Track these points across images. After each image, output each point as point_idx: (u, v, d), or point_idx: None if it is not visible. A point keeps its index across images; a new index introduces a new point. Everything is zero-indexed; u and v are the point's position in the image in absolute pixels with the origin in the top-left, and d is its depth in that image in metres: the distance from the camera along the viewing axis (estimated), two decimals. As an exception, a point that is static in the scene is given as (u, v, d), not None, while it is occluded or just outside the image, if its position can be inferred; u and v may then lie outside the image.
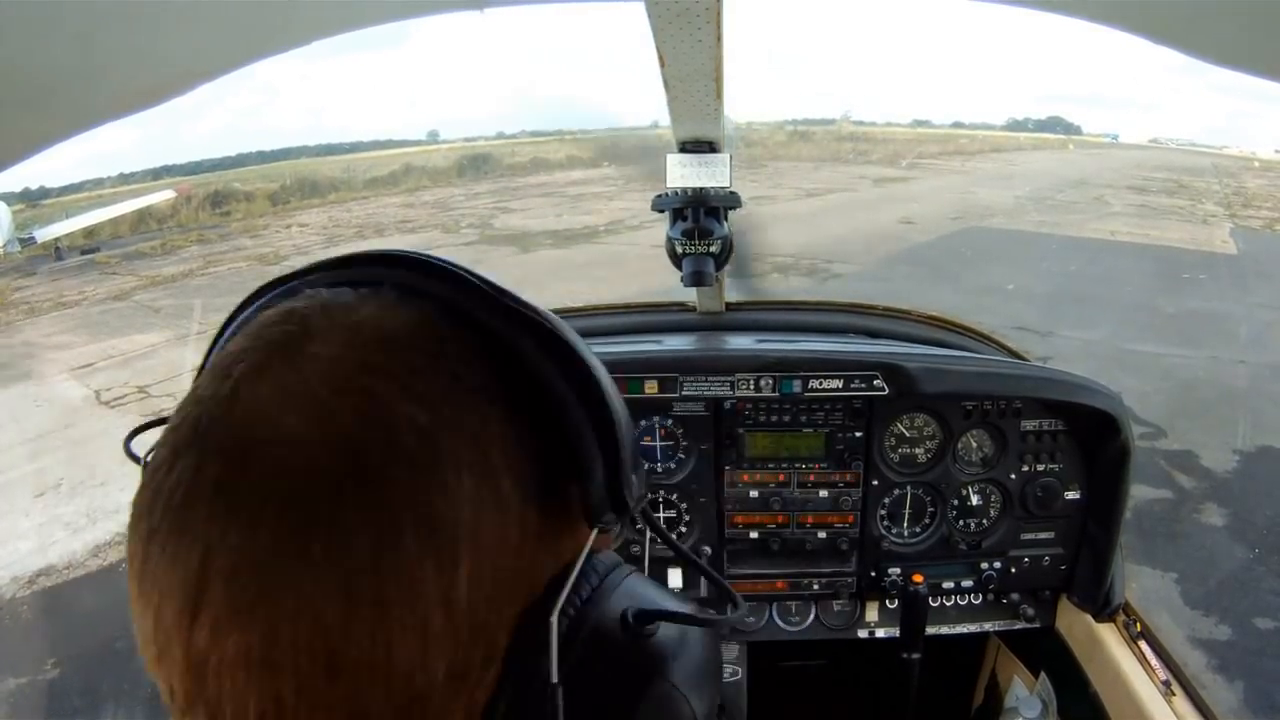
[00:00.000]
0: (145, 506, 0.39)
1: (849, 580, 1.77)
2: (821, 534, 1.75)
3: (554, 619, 0.41)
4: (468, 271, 0.45)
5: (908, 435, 1.71)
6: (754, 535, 1.76)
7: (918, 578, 1.63)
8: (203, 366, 0.45)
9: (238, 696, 0.37)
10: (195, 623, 0.37)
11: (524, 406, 0.42)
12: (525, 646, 0.41)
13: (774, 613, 1.84)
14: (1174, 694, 1.47)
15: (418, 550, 0.37)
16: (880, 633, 1.83)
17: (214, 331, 0.49)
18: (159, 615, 0.38)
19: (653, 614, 0.45)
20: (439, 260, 0.45)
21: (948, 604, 1.81)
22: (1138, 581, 4.52)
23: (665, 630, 0.45)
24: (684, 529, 1.77)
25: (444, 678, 0.39)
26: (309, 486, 0.37)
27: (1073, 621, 1.73)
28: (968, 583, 1.76)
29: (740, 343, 1.73)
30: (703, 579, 1.70)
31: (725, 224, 1.52)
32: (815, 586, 1.78)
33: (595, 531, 0.44)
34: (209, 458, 0.38)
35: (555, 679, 0.40)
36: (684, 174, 1.39)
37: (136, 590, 0.40)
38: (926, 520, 1.75)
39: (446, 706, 0.40)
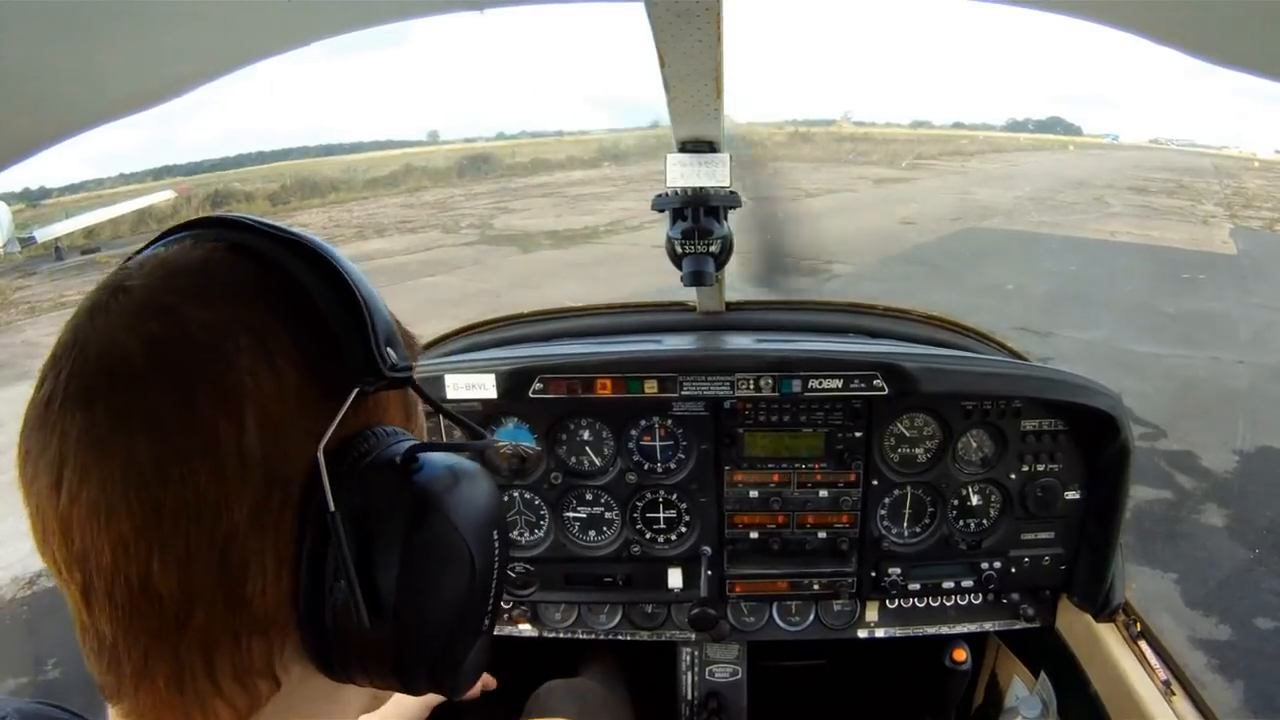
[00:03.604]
0: (24, 420, 0.51)
1: (849, 580, 1.77)
2: (821, 534, 1.75)
3: (320, 453, 0.51)
4: (247, 217, 0.58)
5: (908, 435, 1.71)
6: (754, 535, 1.76)
7: (959, 655, 1.63)
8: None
9: (96, 544, 0.48)
10: (60, 490, 0.49)
11: (291, 302, 0.53)
12: (313, 489, 0.51)
13: (774, 613, 1.84)
14: (1174, 694, 1.47)
15: (210, 411, 0.49)
16: (880, 633, 1.83)
17: None
18: (38, 494, 0.50)
19: (415, 448, 0.55)
20: (231, 215, 0.58)
21: (947, 604, 1.81)
22: (1138, 582, 4.52)
23: (435, 472, 0.55)
24: (684, 529, 1.77)
25: (248, 516, 0.50)
26: (127, 374, 0.49)
27: (1073, 621, 1.73)
28: (968, 582, 1.76)
29: (740, 343, 1.73)
30: (702, 577, 1.71)
31: (725, 224, 1.52)
32: (815, 586, 1.78)
33: (356, 390, 0.54)
34: (62, 371, 0.50)
35: (332, 508, 0.50)
36: (684, 174, 1.39)
37: (23, 485, 0.51)
38: (926, 520, 1.75)
39: (255, 546, 0.50)
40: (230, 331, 0.50)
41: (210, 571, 0.49)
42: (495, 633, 1.76)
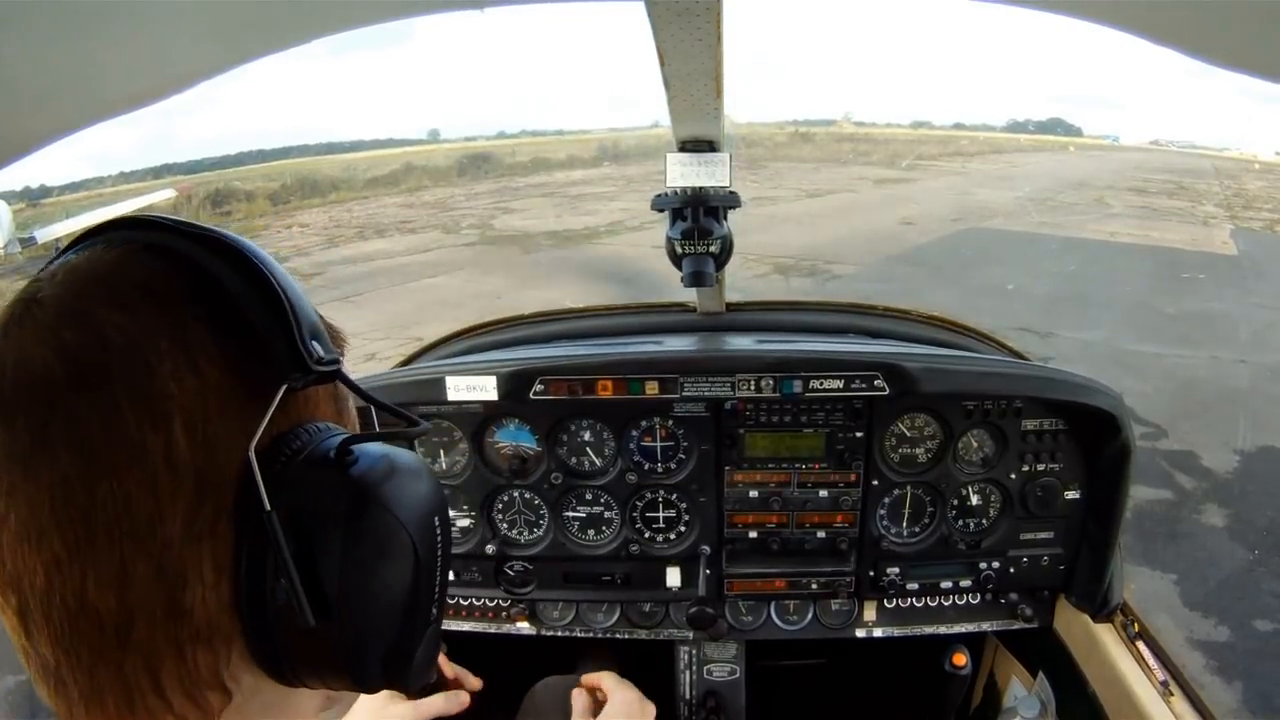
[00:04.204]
0: None
1: (847, 580, 1.77)
2: (821, 534, 1.75)
3: (251, 453, 0.50)
4: (162, 217, 0.56)
5: (908, 435, 1.71)
6: (753, 535, 1.76)
7: (959, 659, 1.63)
8: None
9: (28, 565, 0.47)
10: None
11: (210, 301, 0.52)
12: (246, 490, 0.50)
13: (772, 612, 1.85)
14: (1172, 694, 1.47)
15: (135, 420, 0.47)
16: (878, 632, 1.83)
17: None
18: None
19: (349, 440, 0.54)
20: (145, 215, 0.56)
21: (946, 604, 1.81)
22: (1137, 582, 4.52)
23: (371, 464, 0.54)
24: (683, 528, 1.77)
25: (182, 525, 0.48)
26: (45, 389, 0.47)
27: (1071, 621, 1.73)
28: (966, 582, 1.76)
29: (741, 343, 1.73)
30: (700, 576, 1.71)
31: (725, 224, 1.52)
32: (814, 586, 1.78)
33: (285, 387, 0.53)
34: None
35: (268, 508, 0.49)
36: (684, 173, 1.39)
37: None
38: (926, 520, 1.75)
39: (192, 555, 0.49)
40: (149, 335, 0.49)
41: (148, 585, 0.48)
42: (495, 631, 1.77)
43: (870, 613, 1.83)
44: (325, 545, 0.51)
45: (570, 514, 1.78)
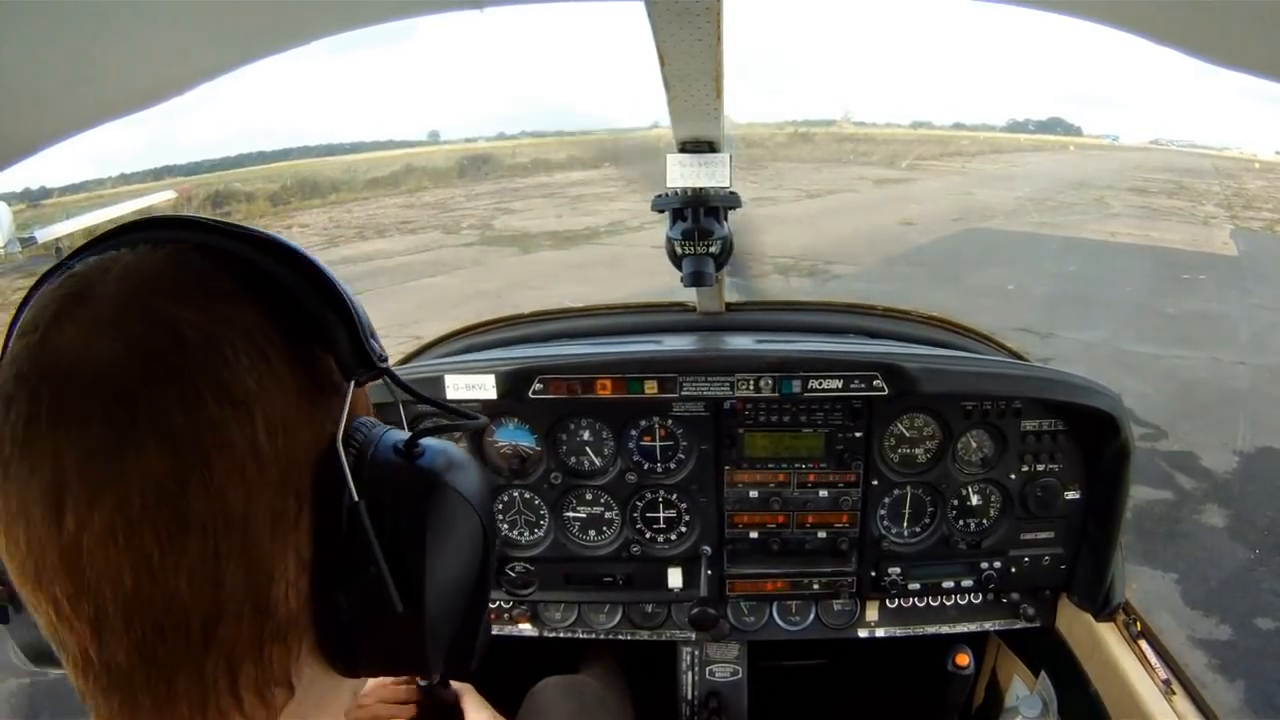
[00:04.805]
0: None
1: (849, 580, 1.77)
2: (821, 534, 1.75)
3: (339, 444, 0.51)
4: (196, 217, 0.56)
5: (908, 435, 1.71)
6: (754, 535, 1.76)
7: (961, 659, 1.63)
8: (5, 342, 0.53)
9: (112, 569, 0.45)
10: (62, 517, 0.45)
11: (274, 300, 0.52)
12: (325, 483, 0.51)
13: (774, 612, 1.85)
14: (1174, 693, 1.47)
15: (220, 413, 0.47)
16: (880, 632, 1.83)
17: None
18: (29, 525, 0.45)
19: (415, 435, 0.56)
20: (179, 215, 0.56)
21: (947, 603, 1.81)
22: (1138, 582, 4.52)
23: (435, 454, 0.56)
24: (684, 529, 1.77)
25: (269, 518, 0.48)
26: (125, 383, 0.46)
27: (1073, 621, 1.73)
28: (968, 582, 1.76)
29: (740, 343, 1.73)
30: (702, 576, 1.71)
31: (725, 224, 1.52)
32: (815, 586, 1.78)
33: (352, 383, 0.54)
34: (39, 389, 0.46)
35: (356, 497, 0.51)
36: (684, 174, 1.39)
37: (4, 520, 0.46)
38: (926, 520, 1.75)
39: (278, 552, 0.49)
40: (222, 331, 0.49)
41: (238, 582, 0.47)
42: (496, 632, 1.77)
43: (872, 613, 1.83)
44: (406, 533, 0.52)
45: (570, 514, 1.78)
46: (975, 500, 1.73)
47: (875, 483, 1.72)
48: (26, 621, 0.56)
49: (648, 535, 1.78)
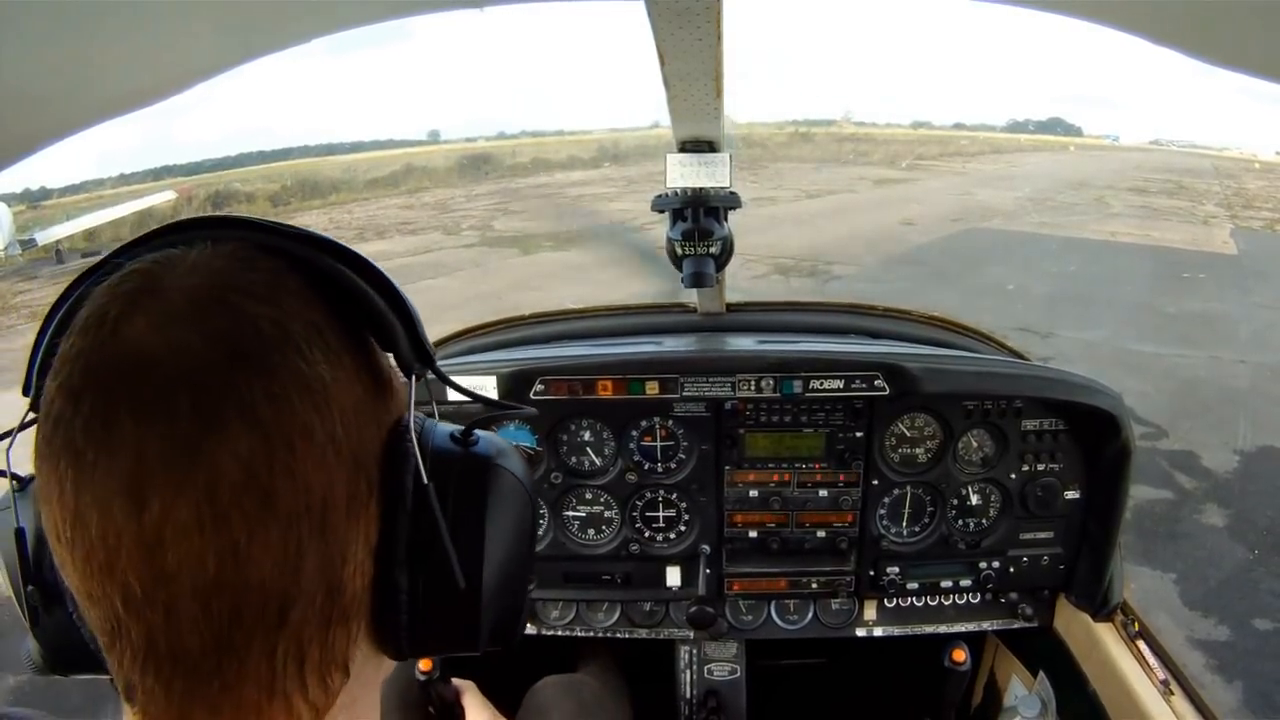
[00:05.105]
0: (62, 444, 0.46)
1: (848, 579, 1.77)
2: (821, 533, 1.75)
3: (411, 430, 0.54)
4: (246, 217, 0.57)
5: (908, 435, 1.71)
6: (753, 535, 1.76)
7: (958, 655, 1.63)
8: (38, 341, 0.54)
9: (195, 558, 0.45)
10: (145, 507, 0.45)
11: (340, 300, 0.54)
12: (392, 470, 0.54)
13: (773, 611, 1.85)
14: (1172, 693, 1.47)
15: (301, 404, 0.48)
16: (878, 631, 1.83)
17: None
18: (107, 519, 0.45)
19: (471, 425, 0.61)
20: (230, 215, 0.57)
21: (946, 603, 1.81)
22: (1137, 582, 4.51)
23: (487, 443, 0.61)
24: (683, 528, 1.77)
25: (345, 503, 0.50)
26: (207, 373, 0.46)
27: (1071, 621, 1.73)
28: (966, 582, 1.76)
29: (741, 343, 1.73)
30: (700, 575, 1.71)
31: (725, 224, 1.52)
32: (814, 585, 1.78)
33: (414, 378, 0.57)
34: (114, 383, 0.46)
35: (426, 480, 0.53)
36: (684, 174, 1.39)
37: (73, 513, 0.46)
38: (926, 520, 1.75)
39: (351, 533, 0.51)
40: (295, 326, 0.50)
41: (317, 565, 0.49)
42: None
43: (870, 612, 1.83)
44: (467, 513, 0.56)
45: (570, 513, 1.78)
46: (975, 500, 1.73)
47: (875, 482, 1.72)
48: (54, 624, 0.58)
49: (647, 534, 1.79)
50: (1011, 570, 1.75)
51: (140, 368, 0.46)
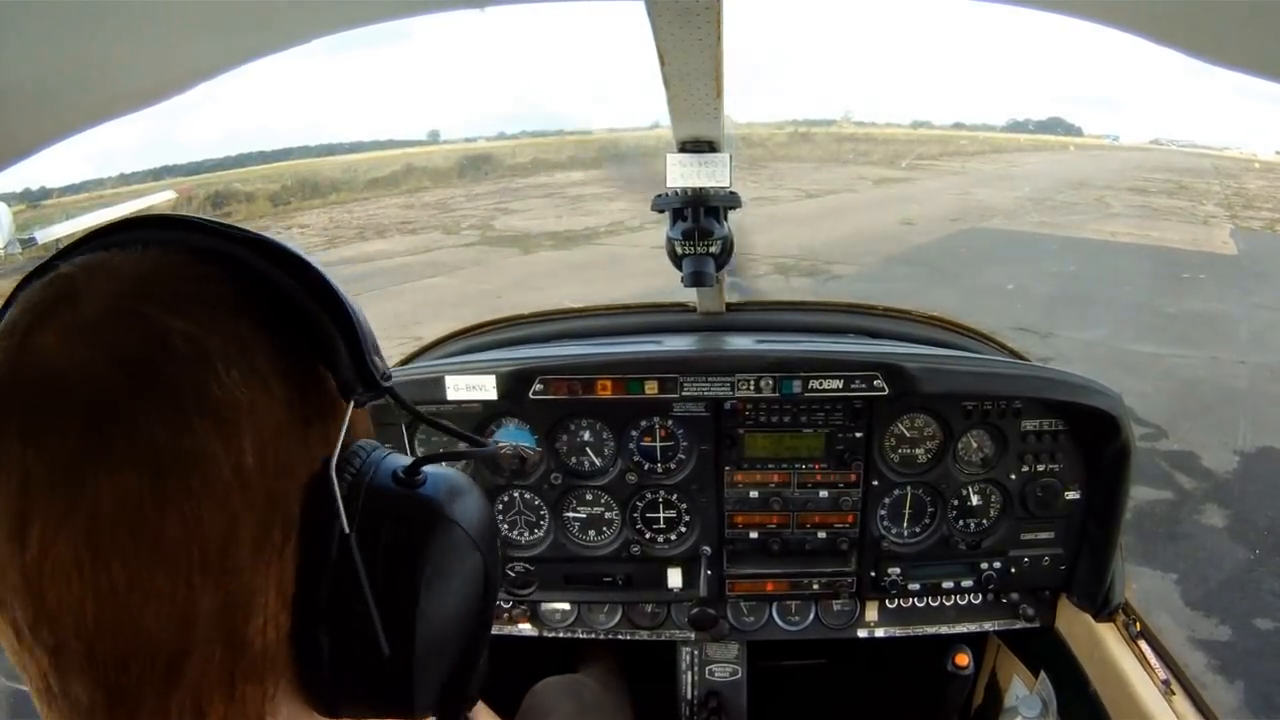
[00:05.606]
0: None
1: (849, 580, 1.77)
2: (821, 534, 1.75)
3: (332, 471, 0.47)
4: (194, 217, 0.52)
5: (908, 435, 1.71)
6: (754, 535, 1.76)
7: (961, 660, 1.63)
8: None
9: (73, 597, 0.41)
10: (25, 538, 0.41)
11: (274, 312, 0.49)
12: (315, 512, 0.47)
13: (774, 612, 1.84)
14: (1174, 693, 1.47)
15: (204, 432, 0.43)
16: (880, 632, 1.83)
17: None
18: None
19: (417, 463, 0.52)
20: (174, 215, 0.52)
21: (947, 604, 1.81)
22: (1138, 582, 4.51)
23: (438, 484, 0.52)
24: (684, 529, 1.77)
25: (251, 547, 0.45)
26: (103, 396, 0.42)
27: (1072, 621, 1.73)
28: (967, 582, 1.76)
29: (740, 343, 1.73)
30: (701, 576, 1.71)
31: (725, 224, 1.52)
32: (815, 586, 1.78)
33: (352, 404, 0.51)
34: (12, 399, 0.43)
35: (348, 529, 0.47)
36: (684, 174, 1.39)
37: None
38: (926, 520, 1.75)
39: (259, 585, 0.46)
40: (213, 343, 0.45)
41: (213, 616, 0.44)
42: (496, 632, 1.76)
43: (872, 613, 1.83)
44: (400, 569, 0.48)
45: (570, 514, 1.78)
46: (975, 500, 1.73)
47: (875, 483, 1.72)
48: None
49: (648, 535, 1.78)
50: (1012, 571, 1.75)
51: (38, 386, 0.43)
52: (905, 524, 1.75)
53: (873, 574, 1.76)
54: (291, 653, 0.48)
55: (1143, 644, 1.58)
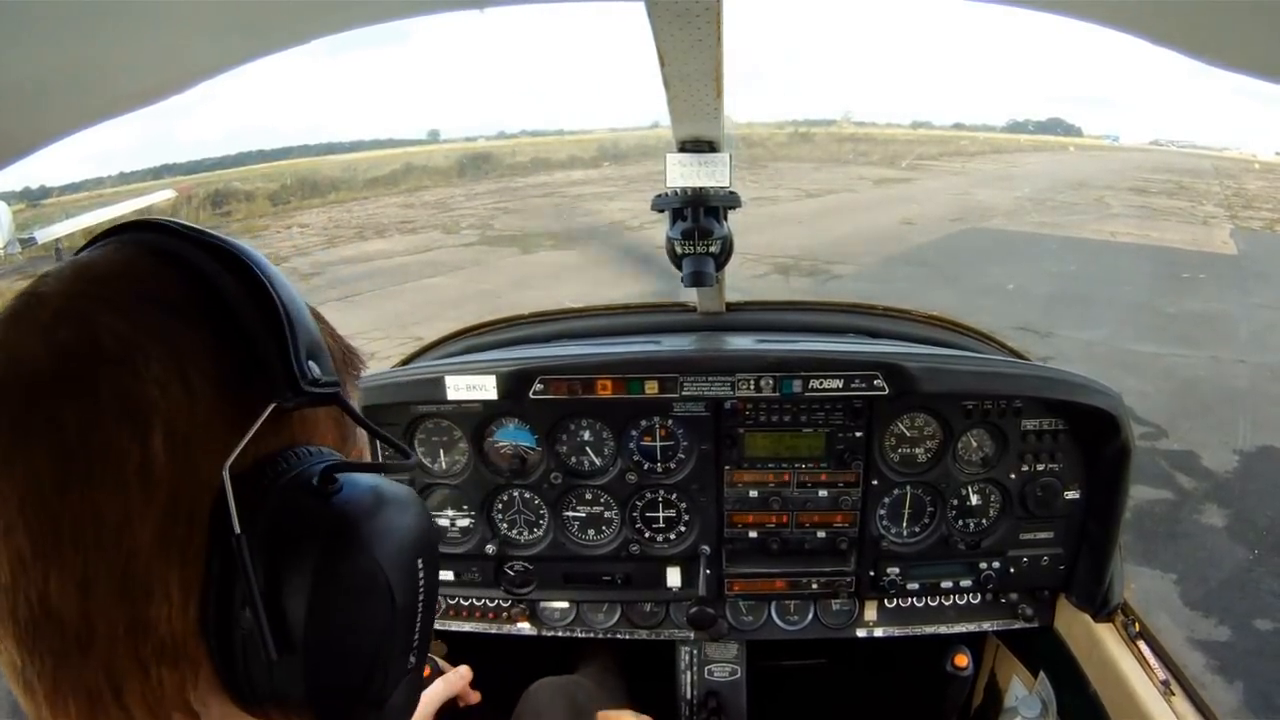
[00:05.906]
0: None
1: (848, 580, 1.77)
2: (821, 534, 1.75)
3: (225, 471, 0.48)
4: (175, 222, 0.55)
5: (908, 435, 1.71)
6: (753, 535, 1.76)
7: (960, 660, 1.63)
8: None
9: (1, 563, 0.46)
10: None
11: (211, 312, 0.51)
12: (223, 515, 0.48)
13: (773, 612, 1.85)
14: (1173, 693, 1.47)
15: (115, 425, 0.46)
16: (879, 632, 1.83)
17: None
18: None
19: (333, 468, 0.52)
20: (158, 219, 0.56)
21: (946, 603, 1.81)
22: (1137, 582, 4.52)
23: (355, 495, 0.52)
24: (683, 528, 1.77)
25: (152, 538, 0.47)
26: (31, 386, 0.47)
27: (1072, 621, 1.73)
28: (966, 582, 1.76)
29: (741, 343, 1.73)
30: (700, 576, 1.71)
31: (725, 224, 1.52)
32: (814, 586, 1.78)
33: (273, 406, 0.50)
34: None
35: (238, 530, 0.47)
36: (684, 173, 1.39)
37: None
38: (926, 520, 1.75)
39: (159, 573, 0.48)
40: (141, 341, 0.48)
41: (110, 596, 0.47)
42: (495, 631, 1.75)
43: (871, 612, 1.83)
44: (294, 577, 0.49)
45: (570, 514, 1.78)
46: (975, 500, 1.73)
47: (875, 482, 1.72)
48: None
49: (647, 535, 1.79)
50: (1012, 570, 1.75)
51: (0, 377, 0.48)
52: (905, 524, 1.76)
53: (872, 574, 1.76)
54: (205, 646, 0.50)
55: (1142, 644, 1.58)
